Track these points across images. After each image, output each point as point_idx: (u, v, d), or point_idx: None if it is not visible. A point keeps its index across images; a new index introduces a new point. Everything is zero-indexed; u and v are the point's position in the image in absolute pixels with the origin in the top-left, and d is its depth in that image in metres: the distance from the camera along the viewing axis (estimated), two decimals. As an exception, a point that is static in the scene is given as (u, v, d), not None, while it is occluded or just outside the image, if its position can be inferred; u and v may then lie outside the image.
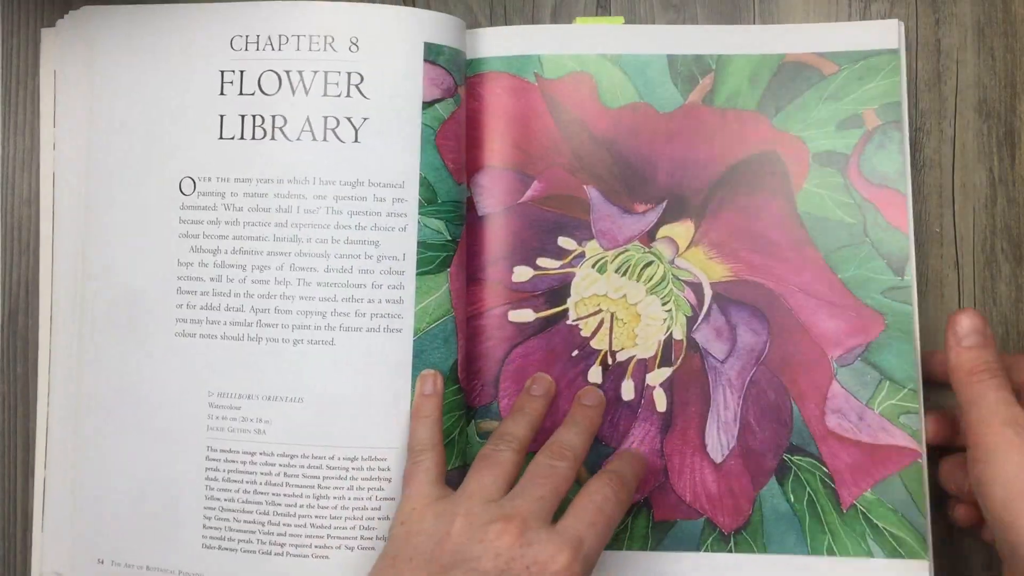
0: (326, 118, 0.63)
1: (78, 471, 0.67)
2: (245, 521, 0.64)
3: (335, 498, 0.63)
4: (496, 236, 0.67)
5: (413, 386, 0.63)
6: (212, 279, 0.64)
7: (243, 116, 0.64)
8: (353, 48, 0.63)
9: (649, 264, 0.68)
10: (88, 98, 0.68)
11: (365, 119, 0.63)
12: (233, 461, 0.64)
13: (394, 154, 0.63)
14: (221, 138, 0.65)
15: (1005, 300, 0.67)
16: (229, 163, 0.65)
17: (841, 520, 0.64)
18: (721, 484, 0.66)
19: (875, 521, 0.64)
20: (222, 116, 0.65)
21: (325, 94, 0.63)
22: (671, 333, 0.67)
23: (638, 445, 0.66)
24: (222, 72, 0.65)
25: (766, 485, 0.65)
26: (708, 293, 0.67)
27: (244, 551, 0.64)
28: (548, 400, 0.65)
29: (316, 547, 0.63)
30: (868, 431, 0.64)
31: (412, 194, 0.63)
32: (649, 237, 0.67)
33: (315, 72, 0.64)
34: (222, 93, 0.65)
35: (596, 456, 0.66)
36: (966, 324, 0.57)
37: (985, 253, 0.67)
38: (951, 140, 0.67)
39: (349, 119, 0.63)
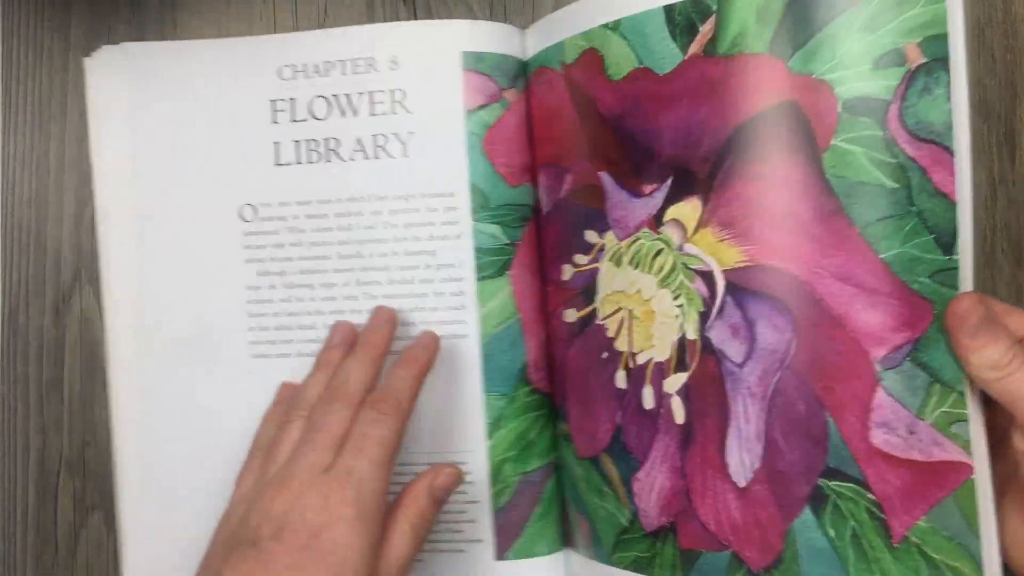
0: (375, 136, 0.65)
1: (152, 503, 0.68)
2: (337, 532, 0.65)
3: (421, 503, 0.64)
4: (549, 234, 0.66)
5: (484, 390, 0.64)
6: (282, 300, 0.66)
7: (297, 142, 0.66)
8: (393, 66, 0.65)
9: (659, 252, 0.58)
10: (129, 135, 0.69)
11: (411, 133, 0.64)
12: (319, 474, 0.66)
13: (442, 164, 0.64)
14: (278, 164, 0.67)
15: (1006, 300, 0.64)
16: (288, 188, 0.66)
17: (893, 556, 0.52)
18: (746, 512, 0.55)
19: (931, 554, 0.51)
20: (277, 144, 0.67)
21: (372, 113, 0.65)
22: (684, 332, 0.57)
23: (660, 461, 0.58)
24: (272, 101, 0.67)
25: (799, 516, 0.53)
26: (720, 283, 0.56)
27: (337, 559, 0.65)
28: (345, 352, 0.63)
29: (408, 551, 0.64)
30: (920, 447, 0.51)
31: (463, 202, 0.64)
32: (657, 221, 0.58)
33: (360, 93, 0.65)
34: (275, 121, 0.67)
35: (627, 468, 0.60)
36: (977, 314, 0.49)
37: (985, 253, 0.65)
38: (952, 140, 0.66)
39: (396, 135, 0.64)
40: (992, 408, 0.51)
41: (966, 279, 0.51)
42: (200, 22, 0.73)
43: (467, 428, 0.64)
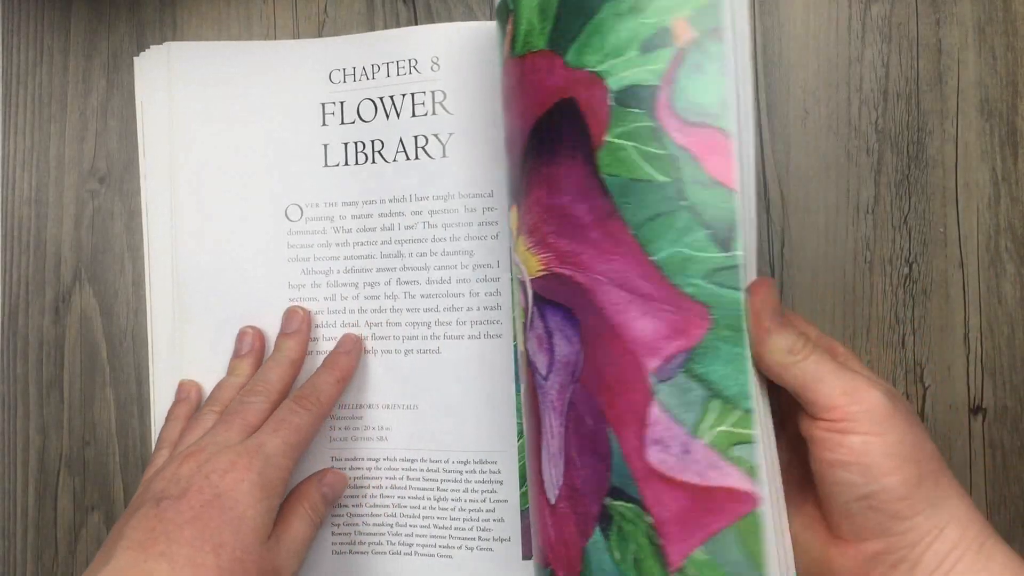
0: (416, 137, 0.65)
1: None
2: (374, 524, 0.66)
3: (453, 500, 0.65)
4: None
5: (517, 389, 0.64)
6: (326, 298, 0.67)
7: (345, 144, 0.67)
8: (435, 67, 0.65)
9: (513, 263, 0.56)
10: (169, 132, 0.70)
11: (451, 134, 0.65)
12: (358, 468, 0.67)
13: (480, 165, 0.64)
14: (326, 166, 0.67)
15: (1011, 299, 0.65)
16: (335, 188, 0.67)
17: None
18: (556, 530, 0.51)
19: None
20: (325, 145, 0.67)
21: (414, 115, 0.65)
22: (517, 342, 0.56)
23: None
24: (323, 104, 0.68)
25: (592, 536, 0.49)
26: (529, 293, 0.52)
27: (375, 552, 0.66)
28: (256, 357, 0.67)
29: (440, 547, 0.65)
30: (695, 468, 0.46)
31: (501, 202, 0.64)
32: (509, 231, 0.56)
33: (403, 95, 0.66)
34: (324, 124, 0.68)
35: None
36: (773, 300, 0.47)
37: (990, 252, 0.65)
38: (953, 140, 0.65)
39: (436, 136, 0.65)
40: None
41: (750, 278, 0.47)
42: (200, 22, 0.73)
43: (498, 427, 0.64)
